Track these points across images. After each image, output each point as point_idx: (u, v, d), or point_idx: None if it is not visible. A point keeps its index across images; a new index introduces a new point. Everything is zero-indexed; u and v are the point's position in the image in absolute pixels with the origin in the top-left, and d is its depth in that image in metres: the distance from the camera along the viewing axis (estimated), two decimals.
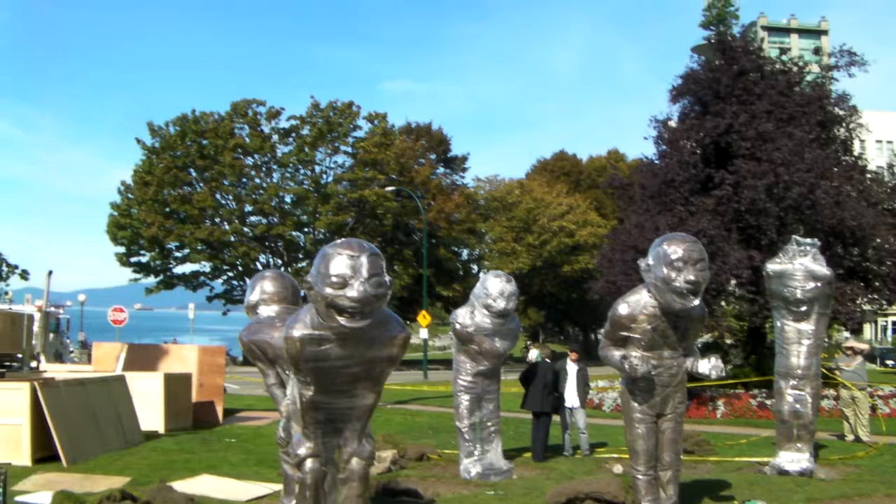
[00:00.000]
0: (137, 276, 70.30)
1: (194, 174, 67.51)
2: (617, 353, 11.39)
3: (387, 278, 8.09)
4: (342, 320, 7.95)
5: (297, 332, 8.23)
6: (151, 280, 71.18)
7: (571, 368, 19.99)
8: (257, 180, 67.75)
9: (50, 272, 37.25)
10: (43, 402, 17.72)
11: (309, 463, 8.74)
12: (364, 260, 7.93)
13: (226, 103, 69.19)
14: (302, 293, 10.47)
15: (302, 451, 8.77)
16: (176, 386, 24.28)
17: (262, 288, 11.24)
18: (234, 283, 72.26)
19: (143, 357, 27.33)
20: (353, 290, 7.83)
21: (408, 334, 8.80)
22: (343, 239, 8.42)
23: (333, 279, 7.85)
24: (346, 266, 7.88)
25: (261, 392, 39.22)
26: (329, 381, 8.46)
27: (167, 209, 66.28)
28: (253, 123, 66.95)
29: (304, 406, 8.61)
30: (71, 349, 49.75)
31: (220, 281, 72.72)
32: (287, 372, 9.73)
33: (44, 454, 17.83)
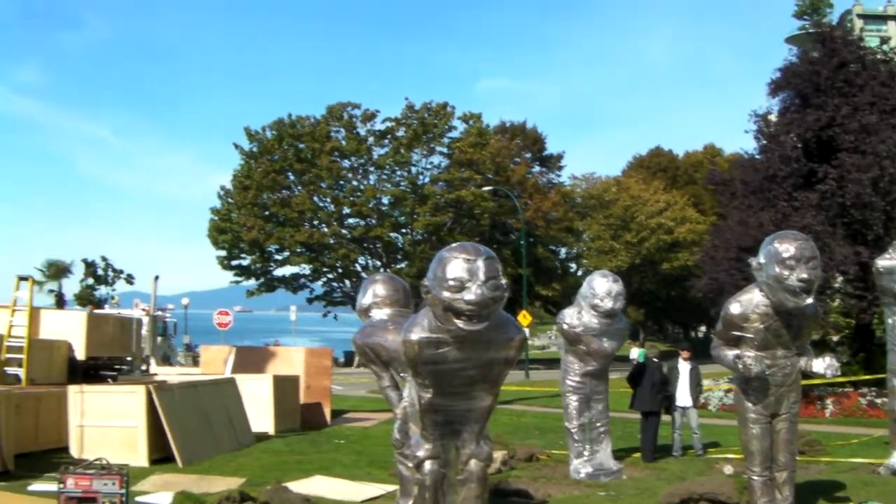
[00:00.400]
0: (238, 278, 71.38)
1: (292, 178, 68.29)
2: (730, 353, 11.30)
3: (503, 281, 8.16)
4: (460, 323, 8.03)
5: (415, 335, 8.34)
6: (252, 283, 72.22)
7: (684, 367, 19.86)
8: (354, 182, 68.25)
9: (157, 277, 38.15)
10: (158, 405, 18.14)
11: (428, 465, 8.83)
12: (480, 263, 8.01)
13: (321, 107, 69.86)
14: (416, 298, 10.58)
15: (421, 452, 8.87)
16: (284, 388, 24.68)
17: (374, 291, 11.37)
18: (334, 284, 72.96)
19: (251, 359, 27.83)
20: (471, 294, 7.91)
21: (524, 336, 8.87)
22: (458, 243, 8.52)
23: (451, 283, 7.94)
24: (462, 269, 7.96)
25: (363, 393, 39.72)
26: (447, 383, 8.55)
27: (266, 213, 67.13)
28: (349, 126, 67.49)
29: (423, 408, 8.72)
30: (178, 352, 50.82)
31: (319, 283, 73.46)
32: (402, 374, 9.86)
33: (159, 455, 18.26)
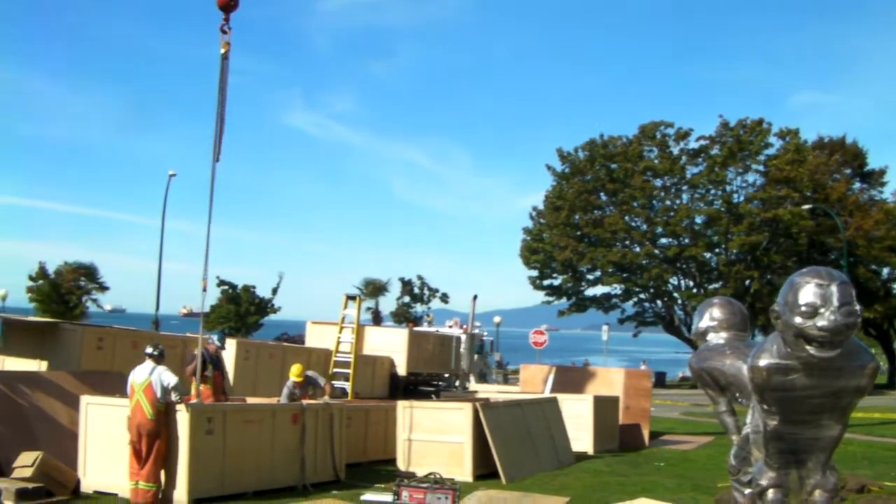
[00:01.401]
0: (550, 298, 71.98)
1: (604, 197, 68.26)
2: None
3: (857, 307, 7.79)
4: (811, 350, 7.73)
5: (763, 361, 8.09)
6: (563, 302, 72.64)
7: None
8: (667, 202, 67.46)
9: (475, 296, 39.02)
10: (484, 422, 18.53)
11: (771, 493, 8.56)
12: (834, 289, 7.68)
13: (633, 127, 69.39)
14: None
15: (764, 481, 8.61)
16: (604, 408, 24.70)
17: (711, 314, 11.12)
18: (646, 305, 72.29)
19: (569, 379, 28.03)
20: (824, 320, 7.60)
21: (877, 364, 8.43)
22: (810, 267, 8.21)
23: (803, 308, 7.66)
24: (815, 295, 7.66)
25: (677, 415, 39.10)
26: (793, 411, 8.25)
27: (578, 233, 67.38)
28: (661, 145, 66.79)
29: (768, 436, 8.45)
30: (494, 370, 51.84)
31: (630, 303, 72.97)
32: (740, 400, 9.59)
33: (483, 471, 18.65)
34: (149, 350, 14.98)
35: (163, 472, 14.42)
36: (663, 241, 68.59)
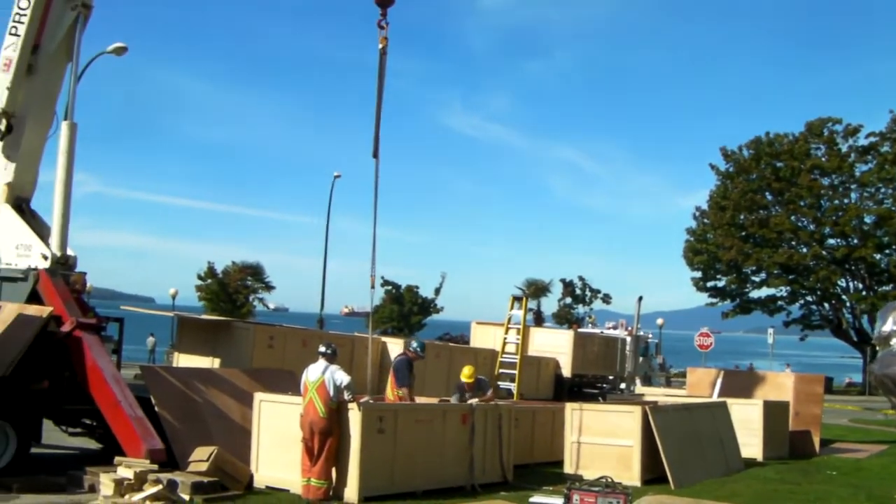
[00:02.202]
0: (714, 300, 70.77)
1: (770, 197, 66.72)
2: None
3: None
4: None
5: None
6: (726, 304, 71.35)
7: None
8: (836, 201, 65.53)
9: (640, 298, 38.63)
10: (653, 426, 18.33)
11: None
12: None
13: (800, 123, 67.32)
14: None
15: None
16: (774, 414, 24.17)
17: (895, 318, 10.82)
18: (813, 307, 70.41)
19: (738, 383, 27.49)
20: None
21: None
22: None
23: None
24: None
25: (845, 422, 37.96)
26: None
27: (743, 233, 66.06)
28: (829, 142, 64.94)
29: None
30: (659, 372, 51.23)
31: (796, 305, 71.20)
32: None
33: (651, 476, 18.42)
34: (322, 349, 15.25)
35: (334, 470, 14.70)
36: (831, 241, 66.67)
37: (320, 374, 14.75)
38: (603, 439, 18.82)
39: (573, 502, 13.04)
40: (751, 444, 23.01)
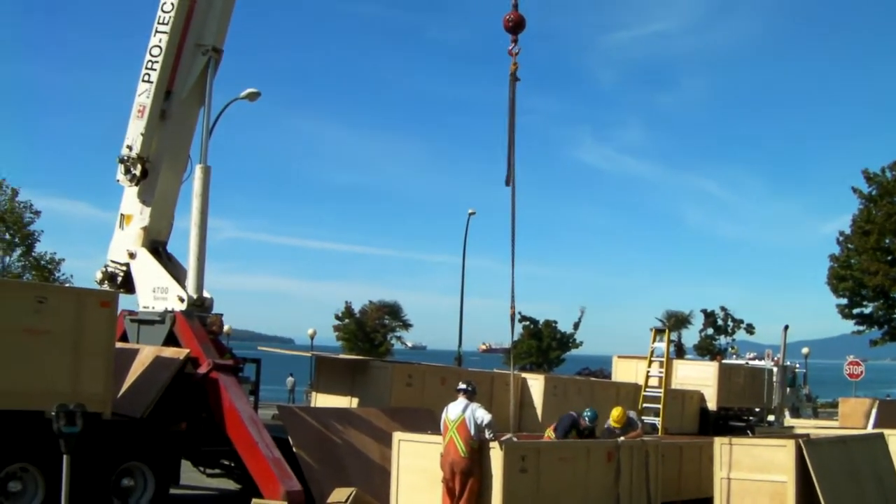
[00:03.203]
0: (860, 327, 68.28)
1: None
2: None
3: None
4: None
5: None
6: (874, 332, 68.78)
7: None
8: None
9: (786, 326, 37.32)
10: (808, 461, 17.40)
11: None
12: None
13: None
14: None
15: None
16: None
17: None
18: None
19: (894, 413, 26.23)
20: None
21: None
22: None
23: None
24: None
25: None
26: None
27: (889, 258, 63.64)
28: None
29: None
30: (806, 403, 49.54)
31: None
32: None
33: None
34: (462, 386, 14.87)
35: None
36: None
37: (461, 412, 14.35)
38: (755, 475, 17.89)
39: None
40: None
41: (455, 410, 14.42)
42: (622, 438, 16.84)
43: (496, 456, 14.17)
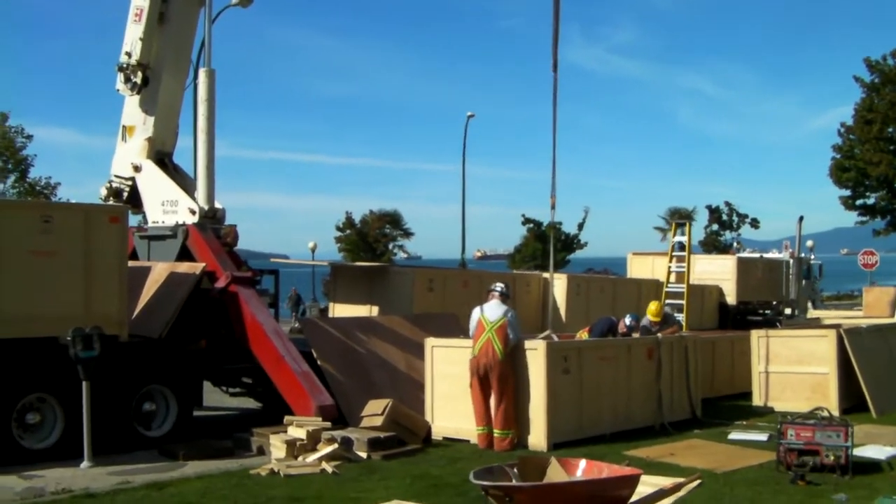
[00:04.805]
0: (863, 218, 67.72)
1: None
2: None
3: None
4: None
5: None
6: (877, 222, 68.26)
7: None
8: None
9: (801, 217, 36.73)
10: (849, 350, 16.93)
11: None
12: None
13: None
14: None
15: None
16: None
17: None
18: None
19: None
20: None
21: None
22: None
23: None
24: None
25: None
26: None
27: (893, 147, 62.85)
28: None
29: None
30: (822, 296, 49.04)
31: None
32: None
33: (848, 405, 17.03)
34: (498, 287, 14.27)
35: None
36: None
37: (501, 315, 13.73)
38: (794, 367, 17.47)
39: (788, 437, 11.78)
40: None
41: (495, 312, 13.81)
42: (660, 335, 16.25)
43: (537, 357, 13.58)
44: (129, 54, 17.34)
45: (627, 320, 16.69)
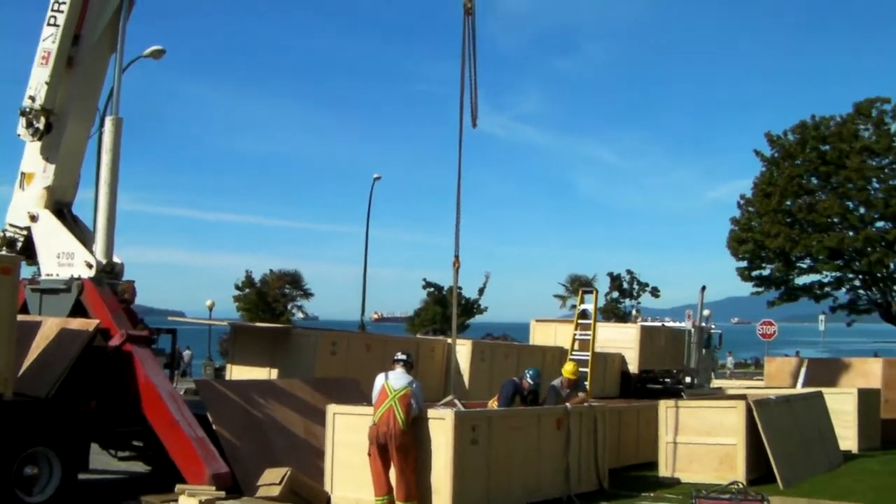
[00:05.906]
0: (759, 289, 68.95)
1: (816, 181, 64.83)
2: None
3: None
4: None
5: None
6: (771, 293, 69.58)
7: None
8: (892, 182, 63.48)
9: (703, 287, 37.00)
10: (758, 421, 16.90)
11: None
12: None
13: (847, 106, 65.07)
14: None
15: None
16: (867, 402, 22.76)
17: None
18: (861, 292, 68.45)
19: (822, 372, 26.11)
20: None
21: None
22: None
23: None
24: None
25: None
26: None
27: (790, 219, 64.23)
28: (878, 123, 62.87)
29: None
30: (722, 364, 49.58)
31: (842, 291, 69.30)
32: None
33: (755, 475, 17.00)
34: (401, 357, 13.87)
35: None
36: (879, 224, 64.59)
37: (406, 384, 13.31)
38: (702, 438, 17.41)
39: None
40: (845, 435, 21.67)
41: (399, 381, 13.38)
42: (569, 404, 15.94)
43: (445, 426, 13.15)
44: (32, 98, 16.50)
45: (528, 377, 16.24)
